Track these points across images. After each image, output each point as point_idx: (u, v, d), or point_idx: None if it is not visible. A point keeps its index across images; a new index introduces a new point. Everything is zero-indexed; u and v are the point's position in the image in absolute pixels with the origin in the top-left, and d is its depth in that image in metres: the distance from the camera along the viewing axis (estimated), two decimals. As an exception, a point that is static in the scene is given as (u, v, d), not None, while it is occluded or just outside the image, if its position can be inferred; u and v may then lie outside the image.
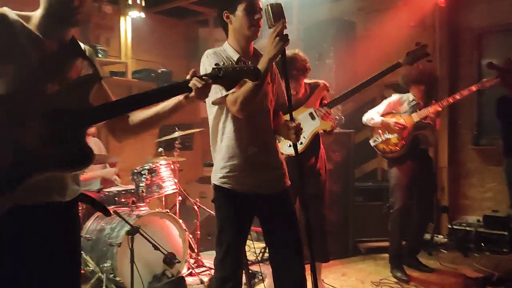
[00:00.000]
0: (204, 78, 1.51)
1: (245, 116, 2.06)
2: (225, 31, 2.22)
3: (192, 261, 3.82)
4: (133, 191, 3.64)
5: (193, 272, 3.72)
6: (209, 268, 3.80)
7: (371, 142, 3.84)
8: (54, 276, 1.45)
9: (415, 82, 3.75)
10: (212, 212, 4.44)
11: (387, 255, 3.83)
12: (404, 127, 3.62)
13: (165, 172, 3.71)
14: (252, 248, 3.76)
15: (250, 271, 3.05)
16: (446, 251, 4.34)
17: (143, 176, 3.55)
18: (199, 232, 4.02)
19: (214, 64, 1.58)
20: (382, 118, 3.74)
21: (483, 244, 4.30)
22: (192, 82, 1.50)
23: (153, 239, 3.21)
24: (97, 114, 1.45)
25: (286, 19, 1.98)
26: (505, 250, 4.17)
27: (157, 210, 3.53)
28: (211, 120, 2.22)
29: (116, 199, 3.65)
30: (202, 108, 6.70)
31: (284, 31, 1.95)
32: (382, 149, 3.78)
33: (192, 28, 6.39)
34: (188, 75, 1.54)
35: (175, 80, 5.27)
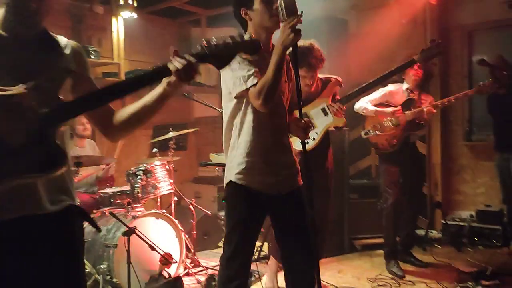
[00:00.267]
0: (187, 57, 1.31)
1: (268, 110, 2.01)
2: (243, 28, 2.18)
3: (188, 261, 3.83)
4: (128, 192, 3.63)
5: (189, 272, 3.72)
6: (205, 268, 3.80)
7: (362, 133, 3.80)
8: None
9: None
10: (208, 212, 4.47)
11: (382, 252, 3.87)
12: (398, 124, 3.63)
13: (160, 173, 3.70)
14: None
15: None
16: (440, 246, 4.39)
17: (138, 177, 3.54)
18: (195, 232, 4.03)
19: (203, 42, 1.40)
20: (375, 108, 3.69)
21: (476, 238, 4.36)
22: (171, 64, 1.32)
23: (149, 240, 3.22)
24: (67, 110, 1.29)
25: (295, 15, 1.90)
26: (498, 244, 4.22)
27: (153, 210, 3.53)
28: (227, 114, 2.15)
29: (111, 200, 3.64)
30: (196, 108, 6.70)
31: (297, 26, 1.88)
32: (374, 143, 3.79)
33: (185, 28, 6.37)
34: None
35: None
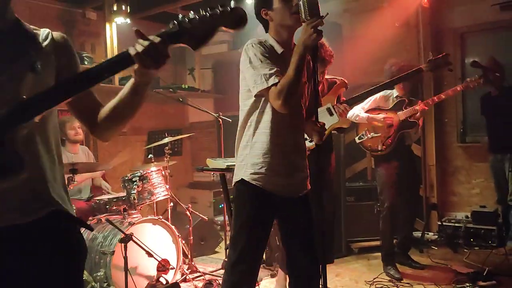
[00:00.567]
0: (151, 38, 1.14)
1: (287, 111, 1.97)
2: (265, 28, 2.17)
3: (186, 267, 3.81)
4: (124, 198, 3.61)
5: (187, 278, 3.70)
6: (203, 274, 3.79)
7: (356, 139, 3.86)
8: None
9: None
10: (204, 217, 4.46)
11: (380, 254, 3.87)
12: (390, 124, 3.67)
13: (156, 179, 3.68)
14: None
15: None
16: (436, 248, 4.41)
17: (134, 183, 3.52)
18: (191, 237, 4.01)
19: None
20: (368, 115, 3.76)
21: (472, 239, 4.38)
22: (132, 47, 1.16)
23: (146, 246, 3.20)
24: (27, 109, 1.15)
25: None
26: (493, 245, 4.25)
27: (149, 217, 3.51)
28: (243, 112, 2.11)
29: (107, 207, 3.61)
30: (191, 113, 6.69)
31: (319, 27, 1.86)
32: (368, 146, 3.81)
33: (178, 33, 6.36)
34: None
35: (162, 86, 5.25)
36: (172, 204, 3.98)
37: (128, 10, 4.95)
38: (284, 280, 3.21)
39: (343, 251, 4.33)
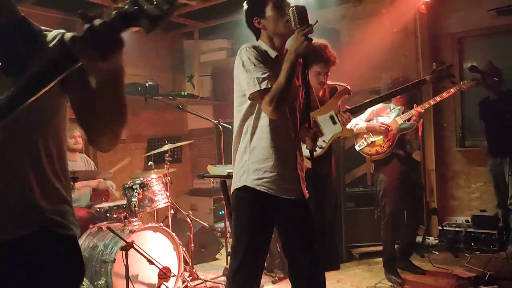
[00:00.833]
0: (95, 22, 0.93)
1: (278, 117, 2.00)
2: (256, 36, 2.19)
3: (187, 274, 3.80)
4: (124, 206, 3.60)
5: (188, 285, 3.69)
6: (204, 281, 3.77)
7: (356, 147, 3.87)
8: None
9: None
10: (205, 224, 4.45)
11: (381, 260, 3.86)
12: (389, 128, 3.68)
13: (156, 186, 3.68)
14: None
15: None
16: (437, 252, 4.40)
17: (135, 190, 3.52)
18: (192, 245, 4.00)
19: None
20: (366, 123, 3.78)
21: (473, 244, 4.38)
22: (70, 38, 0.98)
23: (147, 254, 3.20)
24: None
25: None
26: (494, 249, 4.24)
27: (150, 224, 3.50)
28: (238, 117, 2.12)
29: (108, 215, 3.61)
30: (190, 119, 6.69)
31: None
32: (368, 151, 3.81)
33: (177, 40, 6.40)
34: None
35: (162, 93, 5.27)
36: (172, 211, 3.98)
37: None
38: None
39: (344, 257, 4.32)
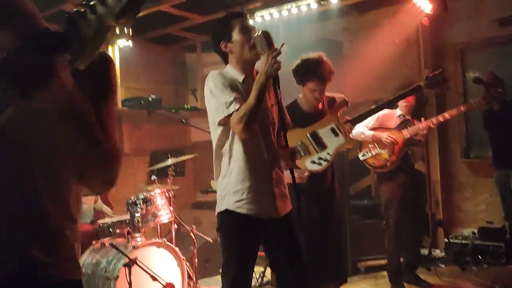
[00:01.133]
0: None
1: (248, 136, 2.03)
2: (224, 60, 2.21)
3: (190, 289, 3.76)
4: (128, 221, 3.58)
5: (192, 301, 3.65)
6: (208, 296, 3.73)
7: (360, 155, 3.83)
8: None
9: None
10: (209, 239, 4.41)
11: (387, 273, 3.81)
12: (396, 142, 3.65)
13: (160, 201, 3.66)
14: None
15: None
16: (444, 266, 4.34)
17: (138, 206, 3.50)
18: (196, 259, 3.96)
19: None
20: (373, 132, 3.75)
21: (480, 256, 4.31)
22: None
23: (151, 270, 3.17)
24: None
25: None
26: (502, 262, 4.18)
27: (153, 240, 3.47)
28: (214, 142, 2.17)
29: (111, 230, 3.59)
30: (193, 132, 6.67)
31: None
32: (372, 163, 3.79)
33: (180, 53, 6.42)
34: None
35: (164, 107, 5.27)
36: (176, 226, 3.95)
37: (131, 33, 5.00)
38: None
39: (350, 271, 4.27)
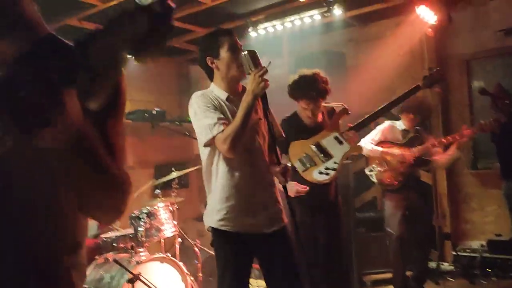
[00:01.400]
0: None
1: (235, 155, 2.04)
2: (209, 76, 2.22)
3: (195, 305, 3.70)
4: (131, 235, 3.55)
5: (196, 316, 3.60)
6: (212, 312, 3.68)
7: (366, 170, 3.81)
8: None
9: (405, 110, 3.75)
10: (212, 253, 4.36)
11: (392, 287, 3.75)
12: (404, 160, 3.61)
13: (163, 215, 3.63)
14: (253, 286, 3.67)
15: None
16: (453, 279, 4.27)
17: (142, 220, 3.47)
18: (200, 274, 3.92)
19: None
20: (381, 149, 3.70)
21: (489, 269, 4.24)
22: None
23: (154, 286, 3.12)
24: None
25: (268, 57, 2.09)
26: (511, 275, 4.11)
27: (157, 255, 3.44)
28: (203, 161, 2.20)
29: (114, 245, 3.55)
30: (197, 145, 6.66)
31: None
32: (380, 180, 3.75)
33: (184, 66, 6.44)
34: None
35: (168, 119, 5.26)
36: (180, 239, 3.91)
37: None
38: None
39: (355, 285, 4.20)
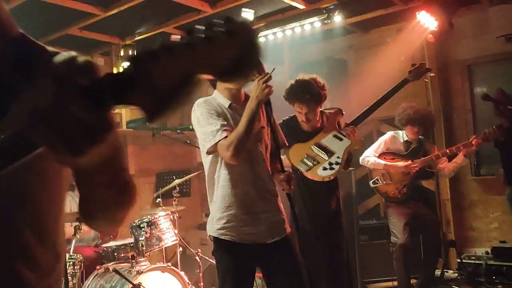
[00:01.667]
0: None
1: (238, 162, 2.02)
2: (211, 83, 2.20)
3: (196, 315, 3.67)
4: (132, 245, 3.52)
5: (198, 327, 3.56)
6: (214, 322, 3.64)
7: (371, 183, 3.81)
8: None
9: (409, 123, 3.74)
10: (214, 262, 4.32)
11: (398, 296, 3.72)
12: (407, 172, 3.60)
13: (164, 224, 3.61)
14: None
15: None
16: (458, 287, 4.21)
17: (142, 229, 3.44)
18: (202, 284, 3.88)
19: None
20: (384, 162, 3.69)
21: (494, 277, 4.18)
22: None
23: (155, 296, 3.10)
24: None
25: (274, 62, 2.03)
26: (518, 282, 4.06)
27: (158, 264, 3.41)
28: (206, 169, 2.19)
29: (115, 254, 3.53)
30: (199, 152, 6.63)
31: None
32: (384, 192, 3.74)
33: (185, 73, 6.43)
34: None
35: (170, 127, 5.25)
36: (181, 249, 3.88)
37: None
38: None
39: (359, 293, 4.16)
